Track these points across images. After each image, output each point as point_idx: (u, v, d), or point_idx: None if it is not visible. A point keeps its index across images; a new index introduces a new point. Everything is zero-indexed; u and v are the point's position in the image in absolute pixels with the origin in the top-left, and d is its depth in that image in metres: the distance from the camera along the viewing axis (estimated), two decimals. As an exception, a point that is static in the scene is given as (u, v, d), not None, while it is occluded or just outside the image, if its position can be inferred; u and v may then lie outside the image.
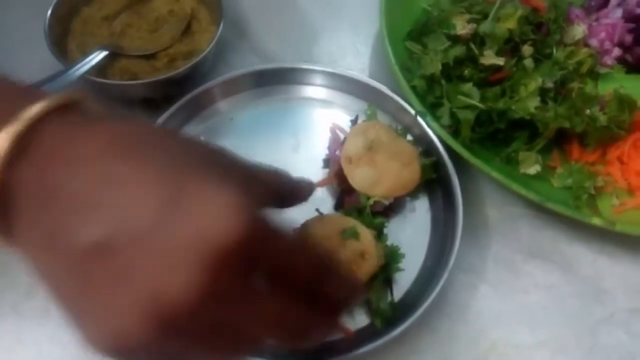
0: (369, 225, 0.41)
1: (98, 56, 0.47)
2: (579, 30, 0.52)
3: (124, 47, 0.50)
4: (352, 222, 0.39)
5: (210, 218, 0.22)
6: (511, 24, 0.49)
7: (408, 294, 0.43)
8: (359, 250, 0.37)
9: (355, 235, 0.37)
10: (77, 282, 0.22)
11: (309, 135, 0.50)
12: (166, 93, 0.50)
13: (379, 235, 0.42)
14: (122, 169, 0.22)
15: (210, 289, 0.21)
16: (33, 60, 0.52)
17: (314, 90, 0.52)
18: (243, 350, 0.25)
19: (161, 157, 0.23)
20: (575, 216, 0.44)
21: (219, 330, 0.23)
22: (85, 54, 0.48)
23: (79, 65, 0.46)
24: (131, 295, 0.21)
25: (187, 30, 0.52)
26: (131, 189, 0.22)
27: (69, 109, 0.24)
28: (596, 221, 0.44)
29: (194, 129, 0.49)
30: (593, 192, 0.46)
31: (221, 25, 0.50)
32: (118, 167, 0.22)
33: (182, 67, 0.48)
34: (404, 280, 0.43)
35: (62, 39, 0.50)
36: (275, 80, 0.51)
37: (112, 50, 0.48)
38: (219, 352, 0.24)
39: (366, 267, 0.37)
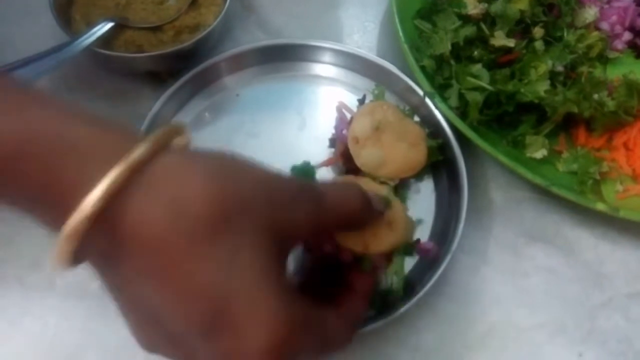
0: None
1: (104, 27, 0.46)
2: (590, 12, 0.51)
3: (129, 18, 0.49)
4: (385, 190, 0.38)
5: (243, 351, 0.24)
6: (523, 5, 0.48)
7: (411, 274, 0.43)
8: (387, 219, 0.35)
9: (387, 203, 0.36)
10: (132, 316, 0.27)
11: (315, 113, 0.50)
12: (172, 67, 0.49)
13: None
14: (176, 272, 0.24)
15: None
16: (35, 31, 0.51)
17: (321, 68, 0.51)
18: None
19: (213, 264, 0.24)
20: (579, 201, 0.44)
21: None
22: (90, 24, 0.48)
23: (84, 37, 0.45)
24: (170, 351, 0.27)
25: (193, 3, 0.51)
26: (180, 297, 0.24)
27: (136, 174, 0.24)
28: (600, 207, 0.44)
29: (199, 104, 0.49)
30: (598, 177, 0.46)
31: (228, -2, 0.49)
32: (172, 270, 0.24)
33: (188, 41, 0.47)
34: (407, 261, 0.43)
35: (66, 8, 0.49)
36: (282, 57, 0.51)
37: (118, 22, 0.48)
38: None
39: (392, 237, 0.36)
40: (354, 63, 0.50)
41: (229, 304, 0.24)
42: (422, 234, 0.44)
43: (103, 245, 0.24)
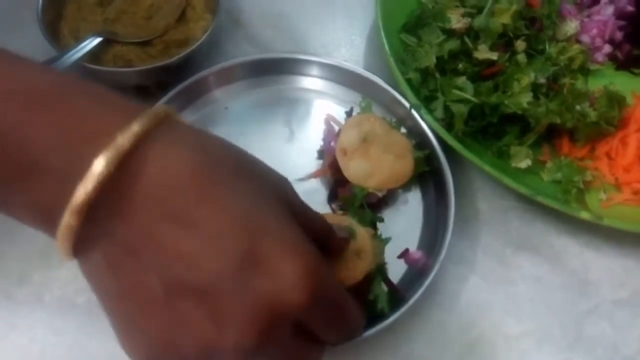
0: (363, 218, 0.41)
1: (92, 42, 0.47)
2: (571, 26, 0.53)
3: (118, 33, 0.49)
4: (347, 220, 0.38)
5: (280, 286, 0.23)
6: (505, 19, 0.49)
7: (400, 284, 0.43)
8: (355, 248, 0.36)
9: (352, 234, 0.36)
10: (132, 310, 0.24)
11: (303, 126, 0.50)
12: (160, 80, 0.49)
13: (373, 226, 0.43)
14: (201, 212, 0.23)
15: (257, 350, 0.24)
16: (24, 45, 0.50)
17: (309, 81, 0.52)
18: None
19: (239, 200, 0.24)
20: (564, 210, 0.45)
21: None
22: (78, 39, 0.48)
23: (73, 51, 0.45)
24: (173, 341, 0.24)
25: (181, 18, 0.51)
26: (208, 237, 0.23)
27: (157, 127, 0.24)
28: (584, 215, 0.45)
29: (188, 118, 0.49)
30: (582, 186, 0.47)
31: (217, 13, 0.50)
32: (197, 210, 0.23)
33: (176, 55, 0.48)
34: (396, 270, 0.44)
35: (55, 23, 0.50)
36: (270, 70, 0.51)
37: (106, 37, 0.48)
38: None
39: (362, 266, 0.36)
40: (342, 76, 0.51)
41: (261, 236, 0.23)
42: (411, 243, 0.45)
43: (117, 201, 0.23)
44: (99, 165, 0.22)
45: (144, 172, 0.23)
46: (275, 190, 0.27)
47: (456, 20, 0.49)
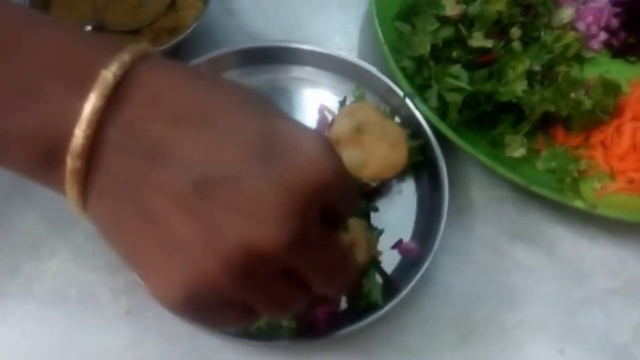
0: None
1: (81, 31, 0.46)
2: (567, 13, 0.52)
3: (107, 22, 0.49)
4: None
5: (308, 163, 0.23)
6: (500, 6, 0.49)
7: (393, 274, 0.43)
8: (348, 241, 0.36)
9: (345, 227, 0.36)
10: (152, 229, 0.22)
11: (296, 115, 0.49)
12: (151, 70, 0.49)
13: (367, 216, 0.43)
14: (210, 108, 0.23)
15: (298, 233, 0.22)
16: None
17: (302, 70, 0.51)
18: (300, 301, 0.26)
19: (241, 96, 0.24)
20: (558, 199, 0.45)
21: (290, 278, 0.24)
22: (67, 28, 0.47)
23: (61, 40, 0.45)
24: (216, 242, 0.22)
25: (172, 6, 0.51)
26: (224, 127, 0.23)
27: (144, 58, 0.24)
28: (578, 204, 0.44)
29: (179, 107, 0.49)
30: (576, 175, 0.47)
31: (208, 1, 0.49)
32: (206, 107, 0.23)
33: (167, 44, 0.47)
34: (390, 261, 0.43)
35: (43, 12, 0.49)
36: (262, 59, 0.51)
37: (96, 25, 0.47)
38: (282, 302, 0.25)
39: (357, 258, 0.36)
40: (335, 65, 0.50)
41: (274, 119, 0.23)
42: (404, 234, 0.45)
43: (125, 112, 0.22)
44: (107, 74, 0.22)
45: (148, 82, 0.23)
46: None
47: (450, 8, 0.48)
